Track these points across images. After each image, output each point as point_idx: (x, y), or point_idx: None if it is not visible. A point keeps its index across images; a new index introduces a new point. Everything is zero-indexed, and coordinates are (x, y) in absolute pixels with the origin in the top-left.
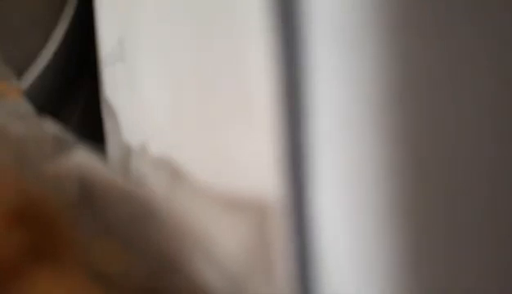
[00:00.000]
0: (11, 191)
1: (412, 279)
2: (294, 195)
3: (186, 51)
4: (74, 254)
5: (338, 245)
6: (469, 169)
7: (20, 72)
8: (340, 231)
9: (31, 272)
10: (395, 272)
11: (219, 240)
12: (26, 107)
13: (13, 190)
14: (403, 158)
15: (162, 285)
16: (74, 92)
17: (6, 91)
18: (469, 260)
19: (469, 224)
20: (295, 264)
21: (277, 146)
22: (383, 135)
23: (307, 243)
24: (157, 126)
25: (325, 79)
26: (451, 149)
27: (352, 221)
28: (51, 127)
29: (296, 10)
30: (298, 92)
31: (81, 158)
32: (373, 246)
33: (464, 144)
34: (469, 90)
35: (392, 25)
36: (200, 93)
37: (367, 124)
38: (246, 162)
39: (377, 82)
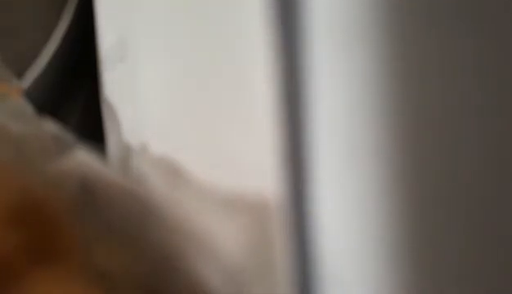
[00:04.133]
0: (11, 191)
1: (412, 278)
2: (294, 194)
3: (186, 51)
4: (74, 254)
5: (338, 244)
6: (469, 167)
7: (20, 72)
8: (340, 230)
9: (31, 272)
10: (395, 271)
11: (219, 239)
12: (26, 107)
13: (13, 190)
14: (403, 157)
15: (162, 284)
16: (74, 92)
17: (6, 91)
18: (470, 260)
19: (471, 222)
20: (295, 263)
21: (277, 145)
22: (383, 134)
23: (308, 242)
24: (157, 126)
25: (324, 79)
26: (452, 148)
27: (352, 220)
28: (51, 127)
29: (296, 10)
30: (298, 92)
31: (81, 157)
32: (373, 245)
33: (465, 143)
34: (468, 88)
35: (391, 25)
36: (200, 93)
37: (367, 123)
38: (246, 161)
39: (377, 82)
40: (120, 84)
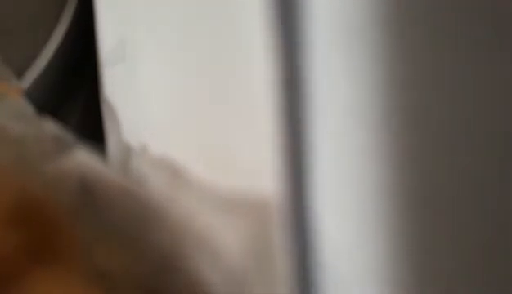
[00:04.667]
0: (11, 191)
1: (411, 278)
2: (294, 195)
3: (186, 52)
4: (74, 254)
5: (338, 243)
6: (469, 166)
7: (20, 72)
8: (340, 230)
9: (31, 272)
10: (395, 270)
11: (219, 239)
12: (26, 107)
13: (13, 190)
14: (403, 158)
15: (162, 285)
16: (74, 92)
17: (6, 91)
18: (469, 261)
19: (470, 223)
20: (295, 263)
21: (277, 146)
22: (383, 134)
23: (308, 243)
24: (157, 127)
25: (325, 79)
26: (452, 148)
27: (351, 221)
28: (51, 127)
29: (296, 10)
30: (299, 92)
31: (81, 157)
32: (372, 245)
33: (465, 142)
34: (468, 89)
35: (391, 25)
36: (200, 93)
37: (367, 123)
38: (246, 161)
39: (377, 82)
40: (120, 84)
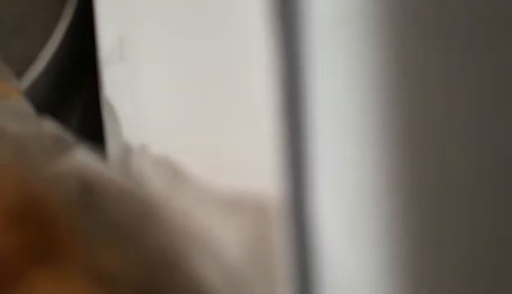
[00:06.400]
0: (10, 191)
1: (412, 279)
2: (294, 195)
3: (186, 51)
4: (74, 255)
5: (338, 244)
6: (468, 169)
7: (20, 72)
8: (340, 231)
9: (30, 273)
10: (394, 271)
11: (219, 240)
12: (26, 107)
13: (13, 190)
14: (403, 159)
15: (162, 285)
16: (74, 92)
17: (6, 91)
18: (469, 261)
19: (469, 224)
20: (295, 263)
21: (278, 146)
22: (383, 135)
23: (307, 243)
24: (157, 126)
25: (326, 80)
26: (451, 150)
27: (351, 221)
28: (51, 127)
29: (296, 10)
30: (299, 93)
31: (81, 157)
32: (372, 246)
33: (465, 143)
34: (468, 90)
35: (392, 25)
36: (201, 93)
37: (367, 125)
38: (247, 162)
39: (378, 83)
40: (120, 84)
